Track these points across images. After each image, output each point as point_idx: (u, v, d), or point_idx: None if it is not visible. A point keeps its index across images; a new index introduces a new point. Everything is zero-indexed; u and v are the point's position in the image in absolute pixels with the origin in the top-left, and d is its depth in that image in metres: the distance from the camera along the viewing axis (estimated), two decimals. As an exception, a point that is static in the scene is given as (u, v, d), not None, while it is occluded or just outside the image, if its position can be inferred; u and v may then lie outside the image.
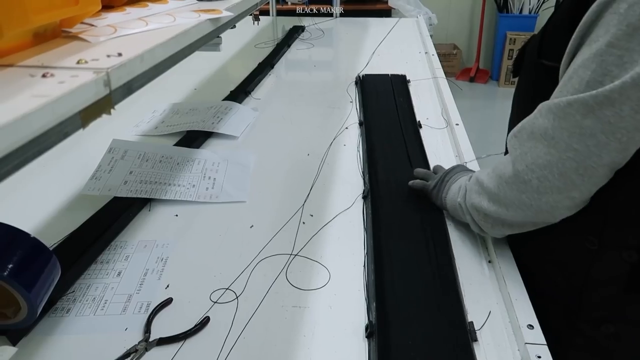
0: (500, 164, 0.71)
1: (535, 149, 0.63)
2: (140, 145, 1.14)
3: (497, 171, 0.71)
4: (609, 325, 0.71)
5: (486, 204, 0.73)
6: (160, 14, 0.60)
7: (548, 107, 0.62)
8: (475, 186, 0.76)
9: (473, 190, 0.77)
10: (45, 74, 0.38)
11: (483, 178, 0.75)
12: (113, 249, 0.86)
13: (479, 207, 0.75)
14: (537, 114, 0.64)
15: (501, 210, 0.71)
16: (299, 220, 0.94)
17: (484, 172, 0.76)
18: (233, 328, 0.71)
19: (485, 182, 0.73)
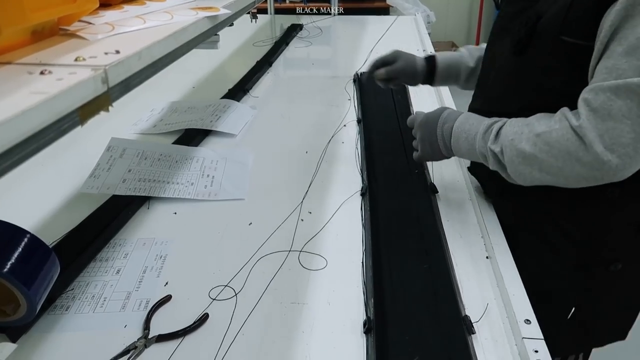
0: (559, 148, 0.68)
1: (615, 130, 0.63)
2: (139, 144, 1.14)
3: (560, 152, 0.68)
4: (618, 264, 0.80)
5: (538, 173, 0.71)
6: (157, 12, 0.60)
7: (628, 87, 0.62)
8: (518, 157, 0.72)
9: (515, 160, 0.73)
10: (44, 71, 0.38)
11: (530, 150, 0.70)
12: (112, 247, 0.87)
13: (527, 175, 0.72)
14: (611, 96, 0.63)
15: (556, 179, 0.71)
16: (298, 217, 0.94)
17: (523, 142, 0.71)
18: (232, 324, 0.71)
19: (529, 150, 0.70)
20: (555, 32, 0.70)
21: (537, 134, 0.70)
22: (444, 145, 0.86)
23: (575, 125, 0.66)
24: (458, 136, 0.82)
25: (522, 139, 0.71)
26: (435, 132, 0.86)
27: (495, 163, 0.76)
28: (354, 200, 0.99)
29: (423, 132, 0.89)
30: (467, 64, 1.05)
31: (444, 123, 0.85)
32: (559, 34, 0.69)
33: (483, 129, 0.78)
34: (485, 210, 0.92)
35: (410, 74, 1.07)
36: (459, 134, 0.82)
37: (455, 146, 0.83)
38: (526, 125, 0.72)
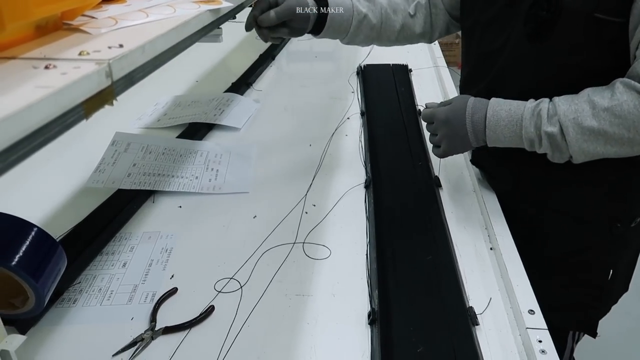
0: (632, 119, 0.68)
1: None
2: (143, 138, 1.15)
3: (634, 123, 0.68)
4: (638, 219, 0.86)
5: (602, 147, 0.71)
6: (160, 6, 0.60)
7: None
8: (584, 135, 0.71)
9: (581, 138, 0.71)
10: (48, 65, 0.38)
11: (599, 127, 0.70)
12: (118, 241, 0.87)
13: (590, 152, 0.72)
14: None
15: (622, 150, 0.71)
16: (302, 210, 0.94)
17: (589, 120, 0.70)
18: (237, 317, 0.72)
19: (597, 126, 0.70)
20: (588, 10, 0.69)
21: (604, 109, 0.69)
22: (475, 137, 0.81)
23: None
24: (495, 125, 0.78)
25: (586, 116, 0.70)
26: (465, 126, 0.81)
27: (549, 145, 0.74)
28: (357, 192, 0.99)
29: (449, 128, 0.83)
30: (359, 12, 0.97)
31: (472, 114, 0.80)
32: (593, 11, 0.69)
33: (529, 112, 0.75)
34: (489, 201, 0.92)
35: (304, 17, 0.93)
36: (496, 122, 0.78)
37: (492, 136, 0.79)
38: (585, 102, 0.71)
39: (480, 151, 0.98)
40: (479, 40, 0.88)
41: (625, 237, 0.88)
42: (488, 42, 0.86)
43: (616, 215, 0.85)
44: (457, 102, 0.83)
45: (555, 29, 0.73)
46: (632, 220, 0.86)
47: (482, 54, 0.88)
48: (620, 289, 0.97)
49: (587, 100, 0.71)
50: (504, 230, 0.84)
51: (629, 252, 0.94)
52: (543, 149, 0.75)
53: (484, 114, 0.79)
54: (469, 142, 0.82)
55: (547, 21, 0.73)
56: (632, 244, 0.92)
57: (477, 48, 0.90)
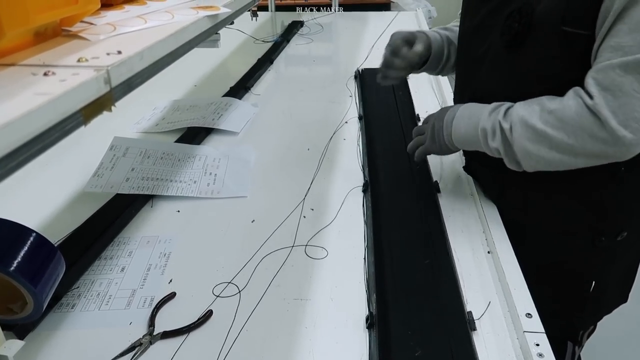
0: (572, 124, 0.69)
1: (628, 105, 0.65)
2: (142, 142, 1.15)
3: (573, 128, 0.69)
4: (624, 232, 0.85)
5: (546, 151, 0.72)
6: (158, 12, 0.60)
7: (636, 63, 0.64)
8: (527, 132, 0.73)
9: (524, 136, 0.73)
10: (47, 72, 0.38)
11: (541, 127, 0.71)
12: (116, 245, 0.88)
13: (533, 154, 0.73)
14: (621, 72, 0.65)
15: (566, 158, 0.72)
16: (300, 214, 0.95)
17: (534, 119, 0.72)
18: (236, 321, 0.72)
19: (540, 126, 0.71)
20: (556, 23, 0.70)
21: (549, 111, 0.70)
22: (447, 133, 0.84)
23: (590, 103, 0.67)
24: (461, 116, 0.82)
25: (534, 116, 0.72)
26: (443, 120, 0.84)
27: (501, 140, 0.75)
28: (355, 196, 0.99)
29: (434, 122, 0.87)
30: (444, 50, 1.01)
31: (453, 111, 0.84)
32: (560, 24, 0.70)
33: (491, 108, 0.78)
34: (487, 205, 0.92)
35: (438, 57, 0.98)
36: (462, 114, 0.82)
37: (456, 128, 0.82)
38: (537, 104, 0.73)
39: (470, 159, 1.00)
40: (467, 46, 0.90)
41: (612, 250, 0.88)
42: (474, 48, 0.87)
43: (599, 228, 0.85)
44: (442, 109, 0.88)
45: (527, 41, 0.74)
46: (618, 234, 0.86)
47: (469, 60, 0.89)
48: (614, 300, 0.97)
49: (539, 102, 0.73)
50: (502, 234, 0.84)
51: (622, 264, 0.93)
52: (495, 143, 0.76)
53: (454, 113, 0.83)
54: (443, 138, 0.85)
55: (520, 33, 0.74)
56: (623, 256, 0.91)
57: (465, 54, 0.91)
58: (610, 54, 0.65)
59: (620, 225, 0.86)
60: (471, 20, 0.88)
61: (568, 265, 0.90)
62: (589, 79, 0.68)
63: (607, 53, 0.66)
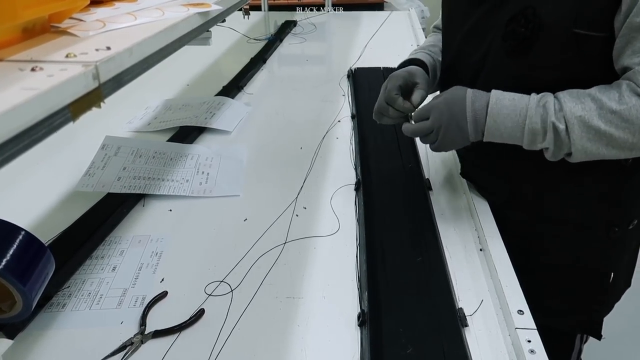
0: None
1: None
2: (134, 142, 1.14)
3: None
4: (635, 221, 0.86)
5: (604, 148, 0.71)
6: (149, 9, 0.60)
7: None
8: (589, 133, 0.70)
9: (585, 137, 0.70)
10: (35, 67, 0.38)
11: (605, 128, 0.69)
12: (108, 245, 0.87)
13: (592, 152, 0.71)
14: None
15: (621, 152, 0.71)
16: (292, 212, 0.95)
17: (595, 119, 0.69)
18: (228, 319, 0.71)
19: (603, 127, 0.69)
20: (567, 26, 0.68)
21: (612, 111, 0.68)
22: (474, 127, 0.77)
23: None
24: (497, 113, 0.74)
25: (593, 116, 0.69)
26: (465, 114, 0.77)
27: (553, 139, 0.72)
28: (348, 195, 0.99)
29: (448, 117, 0.78)
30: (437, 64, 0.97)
31: (473, 101, 0.77)
32: (572, 27, 0.68)
33: (534, 103, 0.73)
34: (478, 203, 0.92)
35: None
36: (499, 110, 0.74)
37: (493, 125, 0.75)
38: (592, 101, 0.70)
39: (470, 165, 0.97)
40: (457, 53, 0.87)
41: (623, 240, 0.88)
42: (465, 55, 0.84)
43: (613, 219, 0.85)
44: (454, 92, 0.80)
45: (535, 46, 0.72)
46: (630, 222, 0.86)
47: (462, 67, 0.86)
48: (622, 286, 0.97)
49: (594, 98, 0.70)
50: (494, 231, 0.85)
51: (628, 252, 0.94)
52: (546, 143, 0.73)
53: (485, 101, 0.76)
54: (467, 134, 0.78)
55: (528, 38, 0.72)
56: (630, 244, 0.92)
57: (455, 61, 0.88)
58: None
59: (631, 214, 0.86)
60: (461, 25, 0.84)
61: (585, 259, 0.89)
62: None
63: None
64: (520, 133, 0.74)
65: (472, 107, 0.77)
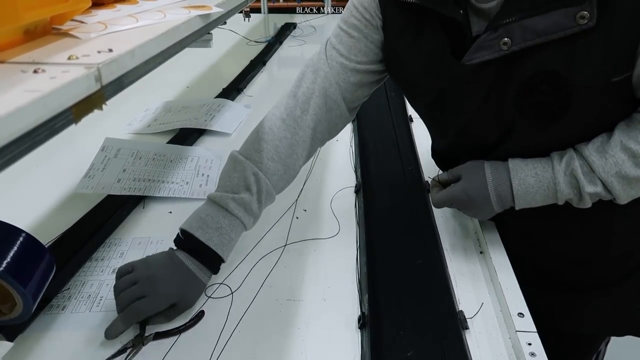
0: None
1: None
2: (133, 144, 1.14)
3: None
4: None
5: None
6: (150, 11, 0.60)
7: None
8: (630, 186, 0.68)
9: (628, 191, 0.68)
10: (37, 69, 0.38)
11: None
12: (108, 247, 0.87)
13: (636, 195, 0.69)
14: None
15: None
16: (293, 215, 0.95)
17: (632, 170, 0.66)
18: (228, 322, 0.71)
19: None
20: (606, 79, 0.62)
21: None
22: (501, 207, 0.75)
23: None
24: (525, 194, 0.72)
25: (629, 167, 0.66)
26: (489, 201, 0.74)
27: (591, 202, 0.70)
28: (348, 197, 0.99)
29: (472, 205, 0.77)
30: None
31: (495, 187, 0.74)
32: (610, 78, 0.62)
33: (561, 175, 0.70)
34: (479, 205, 0.92)
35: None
36: (525, 190, 0.72)
37: (522, 203, 0.73)
38: (621, 151, 0.66)
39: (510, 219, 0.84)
40: (461, 134, 0.78)
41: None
42: (476, 135, 0.76)
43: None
44: (472, 176, 0.76)
45: (571, 108, 0.65)
46: None
47: (470, 144, 0.78)
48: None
49: (622, 149, 0.66)
50: (494, 234, 0.85)
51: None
52: (583, 205, 0.71)
53: (508, 185, 0.73)
54: (494, 212, 0.77)
55: (564, 106, 0.65)
56: None
57: (458, 140, 0.80)
58: None
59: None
60: (458, 110, 0.74)
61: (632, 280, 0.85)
62: None
63: None
64: (553, 201, 0.72)
65: (496, 194, 0.74)
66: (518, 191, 0.72)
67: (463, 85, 0.70)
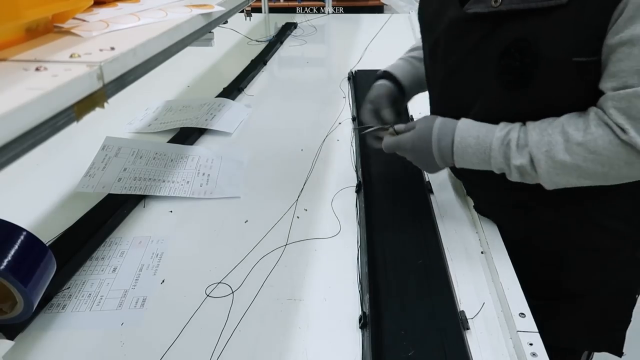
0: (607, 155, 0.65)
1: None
2: (134, 143, 1.14)
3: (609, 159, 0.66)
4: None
5: (575, 180, 0.69)
6: (152, 9, 0.60)
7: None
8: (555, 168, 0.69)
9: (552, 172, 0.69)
10: (39, 67, 0.38)
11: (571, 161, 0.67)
12: (108, 246, 0.87)
13: (562, 183, 0.71)
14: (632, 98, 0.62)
15: (597, 182, 0.69)
16: (293, 214, 0.94)
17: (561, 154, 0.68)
18: (229, 321, 0.71)
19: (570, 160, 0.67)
20: (567, 55, 0.65)
21: (578, 143, 0.66)
22: (443, 162, 0.79)
23: (624, 138, 0.63)
24: (463, 152, 0.76)
25: (559, 150, 0.67)
26: (432, 154, 0.79)
27: (519, 176, 0.72)
28: (349, 197, 0.99)
29: (416, 155, 0.82)
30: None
31: (439, 140, 0.77)
32: (572, 56, 0.65)
33: (497, 142, 0.72)
34: (480, 205, 0.92)
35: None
36: (464, 149, 0.75)
37: (460, 162, 0.77)
38: (559, 134, 0.68)
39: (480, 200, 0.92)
40: (444, 86, 0.83)
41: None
42: (456, 94, 0.80)
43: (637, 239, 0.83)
44: (422, 128, 0.80)
45: (534, 78, 0.69)
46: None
47: (451, 99, 0.83)
48: None
49: (561, 131, 0.68)
50: (495, 234, 0.85)
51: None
52: (512, 178, 0.73)
53: (450, 140, 0.76)
54: (438, 167, 0.81)
55: (526, 72, 0.68)
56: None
57: (442, 93, 0.85)
58: (628, 79, 0.62)
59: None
60: (444, 61, 0.80)
61: (613, 282, 0.87)
62: (612, 109, 0.64)
63: (623, 78, 0.63)
64: (488, 167, 0.75)
65: (438, 147, 0.78)
66: (457, 149, 0.76)
67: (455, 33, 0.76)
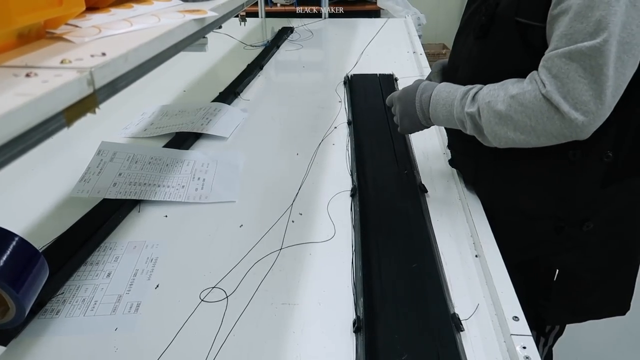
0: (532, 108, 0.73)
1: (575, 90, 0.69)
2: (130, 147, 1.14)
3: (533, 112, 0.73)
4: (589, 223, 0.87)
5: (512, 132, 0.76)
6: (145, 15, 0.60)
7: (578, 51, 0.68)
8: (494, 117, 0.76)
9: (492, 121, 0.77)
10: (29, 73, 0.38)
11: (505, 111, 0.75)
12: (102, 251, 0.87)
13: (501, 135, 0.77)
14: (566, 61, 0.69)
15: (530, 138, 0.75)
16: (288, 218, 0.94)
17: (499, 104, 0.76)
18: (223, 326, 0.71)
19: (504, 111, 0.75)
20: (511, 14, 0.76)
21: (511, 96, 0.74)
22: (422, 115, 0.89)
23: (543, 91, 0.71)
24: (436, 104, 0.85)
25: (498, 101, 0.76)
26: (414, 103, 0.89)
27: (472, 126, 0.80)
28: (344, 201, 0.99)
29: (402, 105, 0.92)
30: None
31: (422, 93, 0.88)
32: (515, 15, 0.76)
33: (460, 94, 0.82)
34: (474, 209, 0.92)
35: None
36: (437, 101, 0.85)
37: (434, 114, 0.86)
38: (501, 89, 0.77)
39: (451, 148, 1.05)
40: (454, 45, 0.96)
41: (580, 241, 0.88)
42: (458, 47, 0.93)
43: (561, 215, 0.87)
44: (412, 84, 0.92)
45: (490, 31, 0.81)
46: (582, 224, 0.87)
47: (456, 58, 0.94)
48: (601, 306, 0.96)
49: (504, 86, 0.77)
50: (489, 237, 0.85)
51: (601, 265, 0.91)
52: (469, 130, 0.81)
53: (429, 94, 0.87)
54: (419, 121, 0.90)
55: (484, 25, 0.81)
56: (599, 253, 0.90)
57: (452, 54, 0.97)
58: (557, 43, 0.70)
59: (582, 214, 0.86)
60: (460, 23, 0.94)
61: (533, 251, 0.94)
62: (540, 67, 0.73)
63: (555, 42, 0.71)
64: (453, 121, 0.84)
65: (420, 98, 0.88)
66: (432, 100, 0.86)
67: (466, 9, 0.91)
